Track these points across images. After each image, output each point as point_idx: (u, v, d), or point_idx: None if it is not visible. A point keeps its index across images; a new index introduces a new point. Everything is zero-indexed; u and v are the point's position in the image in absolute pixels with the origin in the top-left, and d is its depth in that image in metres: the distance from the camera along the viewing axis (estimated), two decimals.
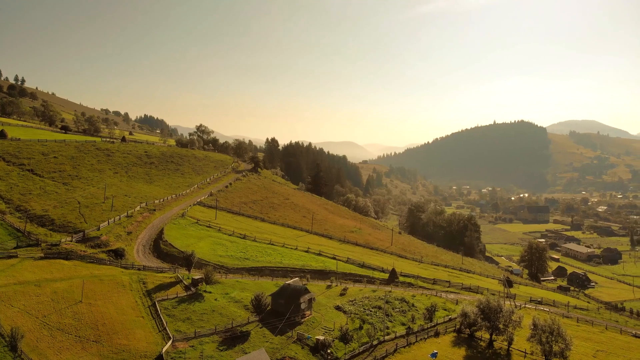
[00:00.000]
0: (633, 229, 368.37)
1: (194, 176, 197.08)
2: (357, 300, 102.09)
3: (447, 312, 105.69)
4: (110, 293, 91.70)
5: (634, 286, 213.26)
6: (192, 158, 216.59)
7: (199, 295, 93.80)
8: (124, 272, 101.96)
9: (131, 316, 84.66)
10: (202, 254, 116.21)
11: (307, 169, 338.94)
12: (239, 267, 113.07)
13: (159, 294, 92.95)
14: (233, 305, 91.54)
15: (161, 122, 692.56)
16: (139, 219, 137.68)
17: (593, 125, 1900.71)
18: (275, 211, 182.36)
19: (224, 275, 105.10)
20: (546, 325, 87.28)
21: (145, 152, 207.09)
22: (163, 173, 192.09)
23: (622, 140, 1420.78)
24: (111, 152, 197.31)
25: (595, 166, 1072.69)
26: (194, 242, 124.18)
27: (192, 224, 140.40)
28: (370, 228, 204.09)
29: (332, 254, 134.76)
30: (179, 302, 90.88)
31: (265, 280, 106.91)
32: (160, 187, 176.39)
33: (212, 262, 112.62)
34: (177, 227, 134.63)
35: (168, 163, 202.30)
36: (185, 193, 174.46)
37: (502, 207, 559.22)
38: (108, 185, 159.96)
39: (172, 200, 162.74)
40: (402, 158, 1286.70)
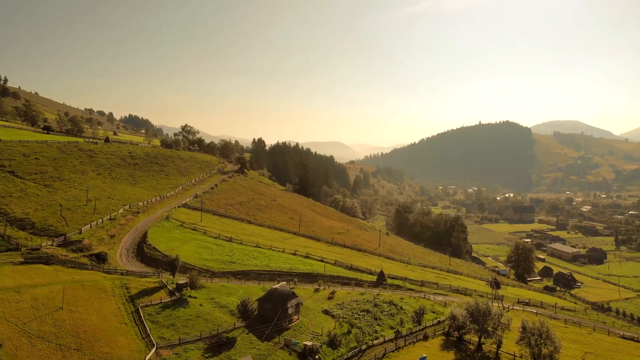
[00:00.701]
0: (617, 229, 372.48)
1: (179, 177, 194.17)
2: (345, 303, 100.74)
3: (436, 314, 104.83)
4: (92, 299, 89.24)
5: (620, 286, 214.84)
6: (177, 159, 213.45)
7: (184, 300, 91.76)
8: (106, 277, 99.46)
9: (113, 323, 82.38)
10: (186, 257, 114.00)
11: (295, 169, 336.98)
12: (224, 271, 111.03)
13: (143, 300, 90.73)
14: (219, 310, 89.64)
15: (146, 122, 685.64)
16: (122, 222, 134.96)
17: (577, 125, 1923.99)
18: (262, 213, 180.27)
19: (209, 280, 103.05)
20: (535, 328, 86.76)
21: (129, 153, 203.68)
22: (147, 174, 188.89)
23: (605, 141, 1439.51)
24: (94, 153, 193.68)
25: (580, 166, 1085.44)
26: (178, 246, 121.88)
27: (176, 226, 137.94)
28: (357, 229, 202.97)
29: (319, 257, 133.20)
30: (163, 307, 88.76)
31: (251, 284, 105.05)
32: (145, 188, 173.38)
33: (197, 266, 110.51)
34: (161, 230, 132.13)
35: (152, 164, 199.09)
36: (169, 195, 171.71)
37: (488, 207, 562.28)
38: (91, 187, 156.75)
39: (156, 203, 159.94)
40: (389, 158, 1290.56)
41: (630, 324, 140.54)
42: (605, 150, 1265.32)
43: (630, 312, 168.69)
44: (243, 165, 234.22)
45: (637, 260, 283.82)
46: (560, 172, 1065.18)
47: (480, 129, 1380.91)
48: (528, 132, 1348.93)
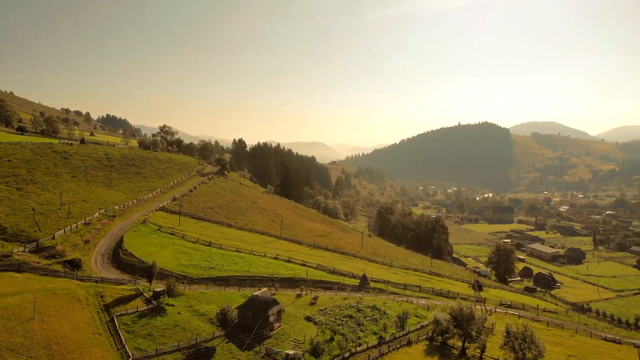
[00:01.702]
0: (595, 229, 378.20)
1: (157, 180, 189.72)
2: (327, 309, 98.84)
3: (419, 318, 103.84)
4: (65, 308, 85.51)
5: (599, 286, 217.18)
6: (154, 160, 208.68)
7: (161, 308, 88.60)
8: (80, 285, 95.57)
9: (87, 333, 78.91)
10: (164, 263, 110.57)
11: (276, 170, 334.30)
12: (203, 277, 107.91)
13: (118, 309, 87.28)
14: (197, 319, 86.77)
15: (124, 122, 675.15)
16: (97, 227, 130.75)
17: (554, 126, 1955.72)
18: (242, 216, 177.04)
19: (187, 287, 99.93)
20: (519, 332, 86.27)
21: (105, 154, 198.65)
22: (124, 177, 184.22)
23: (582, 141, 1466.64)
24: (69, 155, 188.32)
25: (557, 166, 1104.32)
26: (156, 251, 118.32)
27: (154, 231, 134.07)
28: (340, 231, 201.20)
29: (302, 261, 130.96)
30: (139, 316, 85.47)
31: (231, 290, 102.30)
32: (121, 191, 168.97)
33: (175, 272, 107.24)
34: (138, 235, 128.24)
35: (129, 166, 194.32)
36: (147, 198, 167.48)
37: (468, 207, 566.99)
38: (65, 190, 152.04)
39: (133, 206, 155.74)
40: (370, 158, 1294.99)
41: (611, 326, 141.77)
42: (582, 151, 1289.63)
43: (610, 312, 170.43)
44: (223, 167, 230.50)
45: (615, 260, 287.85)
46: (538, 172, 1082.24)
47: (460, 130, 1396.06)
48: (507, 132, 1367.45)
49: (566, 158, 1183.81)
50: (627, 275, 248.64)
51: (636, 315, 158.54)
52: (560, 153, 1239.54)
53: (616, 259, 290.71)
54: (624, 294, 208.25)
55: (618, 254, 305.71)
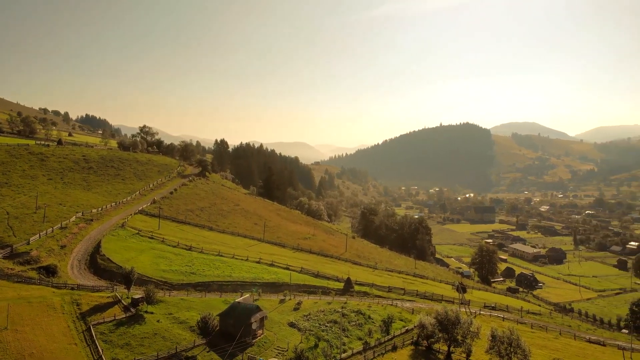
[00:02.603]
0: (576, 229, 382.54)
1: (136, 182, 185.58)
2: (312, 314, 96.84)
3: (404, 322, 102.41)
4: (39, 317, 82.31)
5: (580, 286, 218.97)
6: (134, 162, 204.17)
7: (140, 316, 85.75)
8: (55, 293, 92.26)
9: (63, 344, 75.91)
10: (143, 268, 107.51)
11: (259, 171, 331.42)
12: (184, 282, 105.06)
13: (95, 317, 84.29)
14: (177, 327, 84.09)
15: (103, 122, 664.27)
16: (74, 231, 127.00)
17: (534, 126, 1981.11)
18: (224, 219, 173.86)
19: (167, 293, 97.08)
20: (505, 337, 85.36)
21: (83, 156, 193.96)
22: (102, 179, 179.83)
23: (561, 142, 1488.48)
24: (45, 157, 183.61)
25: (537, 167, 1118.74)
26: (134, 256, 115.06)
27: (132, 235, 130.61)
28: (324, 233, 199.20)
29: (285, 264, 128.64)
30: (117, 325, 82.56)
31: (213, 296, 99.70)
32: (99, 194, 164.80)
33: (155, 278, 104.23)
34: (116, 239, 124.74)
35: (108, 168, 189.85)
36: (126, 201, 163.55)
37: (450, 208, 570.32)
38: (41, 193, 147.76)
39: (111, 209, 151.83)
40: (353, 159, 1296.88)
41: (594, 327, 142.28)
42: (562, 151, 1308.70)
43: (592, 313, 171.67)
44: (204, 168, 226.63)
45: (595, 260, 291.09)
46: (518, 172, 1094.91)
47: (442, 131, 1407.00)
48: (487, 133, 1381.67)
49: (546, 158, 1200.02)
50: (608, 275, 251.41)
51: (618, 316, 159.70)
52: (540, 153, 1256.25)
53: (597, 259, 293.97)
54: (605, 294, 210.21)
55: (598, 254, 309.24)
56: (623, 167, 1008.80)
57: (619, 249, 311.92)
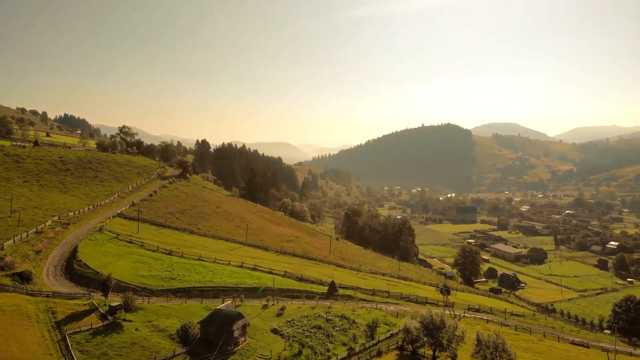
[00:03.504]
0: (556, 229, 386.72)
1: (115, 184, 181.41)
2: (295, 320, 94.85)
3: (389, 326, 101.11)
4: (12, 327, 78.91)
5: (562, 286, 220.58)
6: (112, 163, 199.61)
7: (117, 325, 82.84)
8: (29, 300, 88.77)
9: (37, 354, 72.76)
10: (121, 274, 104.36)
11: (241, 172, 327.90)
12: (164, 288, 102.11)
13: (71, 326, 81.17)
14: (157, 335, 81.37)
15: (82, 122, 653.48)
16: (50, 235, 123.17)
17: (514, 127, 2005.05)
18: (205, 222, 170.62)
19: (146, 300, 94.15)
20: (490, 341, 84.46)
21: (60, 157, 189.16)
22: (80, 181, 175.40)
23: (541, 142, 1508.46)
24: (21, 158, 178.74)
25: (517, 167, 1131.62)
26: (112, 261, 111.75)
27: (111, 239, 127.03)
28: (307, 236, 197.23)
29: (268, 268, 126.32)
30: (93, 334, 79.51)
31: (194, 302, 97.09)
32: (77, 197, 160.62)
33: (134, 284, 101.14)
34: (93, 244, 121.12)
35: (86, 169, 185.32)
36: (104, 203, 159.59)
37: (432, 208, 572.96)
38: (16, 196, 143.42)
39: (89, 212, 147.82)
40: (336, 159, 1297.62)
41: (577, 328, 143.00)
42: (541, 152, 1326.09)
43: (575, 313, 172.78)
44: (185, 170, 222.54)
45: (576, 260, 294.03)
46: (499, 172, 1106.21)
47: (423, 131, 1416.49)
48: (468, 134, 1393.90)
49: (526, 158, 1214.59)
50: (589, 275, 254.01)
51: (600, 316, 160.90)
52: (520, 154, 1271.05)
53: (577, 259, 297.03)
54: (587, 294, 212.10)
55: (579, 254, 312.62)
56: (601, 167, 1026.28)
57: (599, 249, 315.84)
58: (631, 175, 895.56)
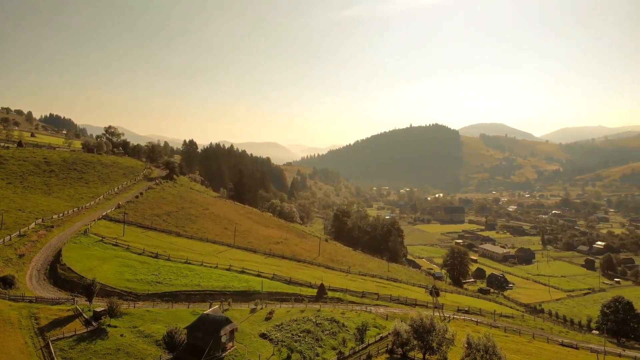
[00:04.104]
0: (543, 229, 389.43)
1: (100, 185, 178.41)
2: (284, 324, 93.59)
3: (378, 329, 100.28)
4: None
5: (550, 286, 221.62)
6: (98, 164, 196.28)
7: (102, 330, 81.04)
8: (12, 306, 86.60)
9: None
10: (106, 278, 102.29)
11: (229, 173, 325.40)
12: (150, 292, 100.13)
13: (54, 332, 79.29)
14: (142, 341, 79.66)
15: (68, 122, 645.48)
16: (33, 238, 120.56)
17: (501, 127, 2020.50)
18: (192, 224, 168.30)
19: (132, 305, 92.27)
20: (481, 344, 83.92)
21: (44, 158, 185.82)
22: (64, 182, 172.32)
23: (527, 142, 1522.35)
24: (4, 160, 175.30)
25: (504, 167, 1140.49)
26: (97, 265, 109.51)
27: (95, 242, 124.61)
28: (296, 237, 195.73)
29: (256, 271, 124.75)
30: (77, 340, 77.68)
31: (180, 307, 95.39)
32: (61, 199, 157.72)
33: (119, 288, 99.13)
34: (78, 247, 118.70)
35: (70, 171, 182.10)
36: (89, 205, 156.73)
37: (420, 208, 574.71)
38: None
39: (73, 215, 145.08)
40: (325, 159, 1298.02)
41: (566, 329, 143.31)
42: (528, 152, 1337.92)
43: (563, 313, 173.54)
44: (172, 171, 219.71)
45: (564, 260, 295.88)
46: (486, 172, 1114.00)
47: (412, 132, 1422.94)
48: (456, 134, 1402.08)
49: (513, 159, 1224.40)
50: (576, 274, 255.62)
51: (588, 317, 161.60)
52: (507, 154, 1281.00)
53: (564, 259, 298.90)
54: (574, 294, 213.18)
55: (566, 254, 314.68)
56: (587, 167, 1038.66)
57: (586, 249, 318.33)
58: (616, 175, 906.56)
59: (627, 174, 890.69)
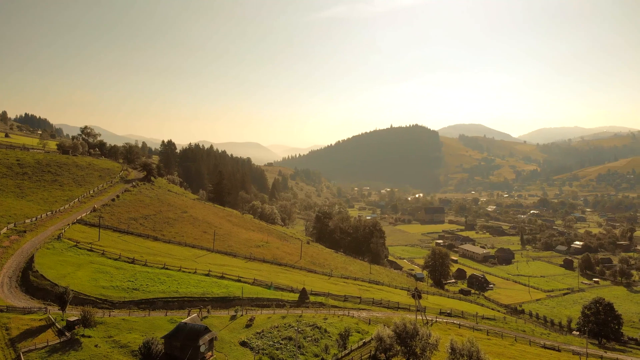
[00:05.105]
0: (522, 229, 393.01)
1: (75, 188, 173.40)
2: (265, 331, 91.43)
3: (361, 334, 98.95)
4: None
5: (530, 287, 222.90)
6: (73, 166, 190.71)
7: (76, 341, 77.87)
8: None
9: None
10: (81, 285, 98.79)
11: (209, 174, 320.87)
12: (126, 300, 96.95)
13: (25, 343, 75.97)
14: (118, 352, 76.70)
15: (44, 122, 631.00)
16: (5, 244, 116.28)
17: (480, 128, 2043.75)
18: (170, 227, 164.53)
19: (107, 313, 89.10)
20: (465, 349, 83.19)
21: (17, 160, 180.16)
22: (38, 185, 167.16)
23: (505, 143, 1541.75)
24: None
25: (483, 167, 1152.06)
26: (71, 271, 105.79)
27: (70, 247, 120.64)
28: (278, 240, 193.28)
29: (236, 276, 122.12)
30: (50, 352, 74.47)
31: (158, 314, 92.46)
32: (34, 202, 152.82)
33: (94, 296, 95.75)
34: (51, 253, 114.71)
35: (44, 173, 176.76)
36: (63, 209, 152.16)
37: (401, 208, 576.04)
38: None
39: (47, 219, 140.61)
40: (306, 160, 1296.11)
41: (548, 331, 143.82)
42: (506, 152, 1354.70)
43: (543, 314, 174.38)
44: (149, 172, 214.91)
45: (542, 260, 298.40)
46: (465, 172, 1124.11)
47: (392, 132, 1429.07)
48: (435, 135, 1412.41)
49: (491, 159, 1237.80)
50: (555, 274, 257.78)
51: (568, 317, 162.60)
52: (485, 154, 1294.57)
53: (543, 259, 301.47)
54: (554, 294, 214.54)
55: (545, 254, 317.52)
56: (564, 167, 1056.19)
57: (565, 249, 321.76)
58: (593, 175, 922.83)
59: (603, 174, 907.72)
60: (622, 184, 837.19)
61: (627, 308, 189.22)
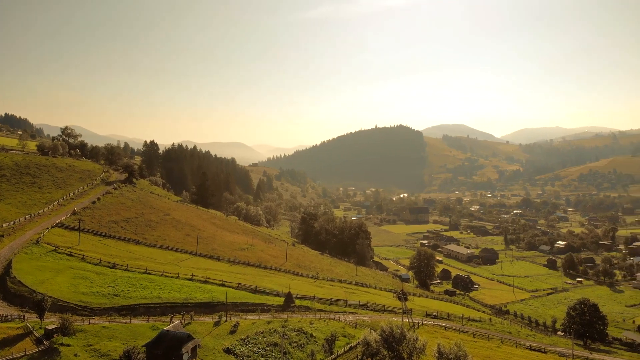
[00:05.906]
0: (506, 229, 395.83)
1: (55, 191, 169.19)
2: (250, 337, 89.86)
3: (348, 339, 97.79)
4: None
5: (514, 287, 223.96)
6: (52, 168, 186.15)
7: (54, 350, 75.70)
8: None
9: None
10: (60, 291, 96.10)
11: (192, 175, 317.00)
12: (107, 306, 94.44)
13: (2, 352, 73.95)
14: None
15: (24, 122, 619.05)
16: None
17: (463, 128, 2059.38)
18: (153, 230, 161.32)
19: (87, 320, 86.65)
20: (452, 353, 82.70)
21: None
22: (16, 188, 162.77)
23: (489, 143, 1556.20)
24: None
25: (467, 167, 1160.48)
26: (50, 277, 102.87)
27: (48, 252, 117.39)
28: (262, 242, 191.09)
29: (220, 280, 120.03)
30: None
31: (139, 321, 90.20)
32: (12, 205, 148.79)
33: (73, 302, 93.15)
34: (29, 258, 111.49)
35: (23, 175, 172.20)
36: (42, 212, 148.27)
37: (386, 208, 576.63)
38: None
39: (25, 223, 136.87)
40: (291, 160, 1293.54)
41: (534, 332, 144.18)
42: (489, 152, 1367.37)
43: (528, 314, 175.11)
44: (131, 174, 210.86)
45: (526, 260, 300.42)
46: (449, 172, 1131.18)
47: (377, 133, 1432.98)
48: (420, 135, 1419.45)
49: (475, 159, 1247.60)
50: (539, 274, 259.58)
51: (553, 317, 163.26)
52: (469, 154, 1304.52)
53: (527, 259, 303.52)
54: (538, 294, 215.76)
55: (528, 253, 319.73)
56: (546, 167, 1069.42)
57: (548, 249, 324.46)
58: (574, 175, 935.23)
59: (585, 174, 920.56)
60: (603, 183, 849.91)
61: (610, 308, 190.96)
